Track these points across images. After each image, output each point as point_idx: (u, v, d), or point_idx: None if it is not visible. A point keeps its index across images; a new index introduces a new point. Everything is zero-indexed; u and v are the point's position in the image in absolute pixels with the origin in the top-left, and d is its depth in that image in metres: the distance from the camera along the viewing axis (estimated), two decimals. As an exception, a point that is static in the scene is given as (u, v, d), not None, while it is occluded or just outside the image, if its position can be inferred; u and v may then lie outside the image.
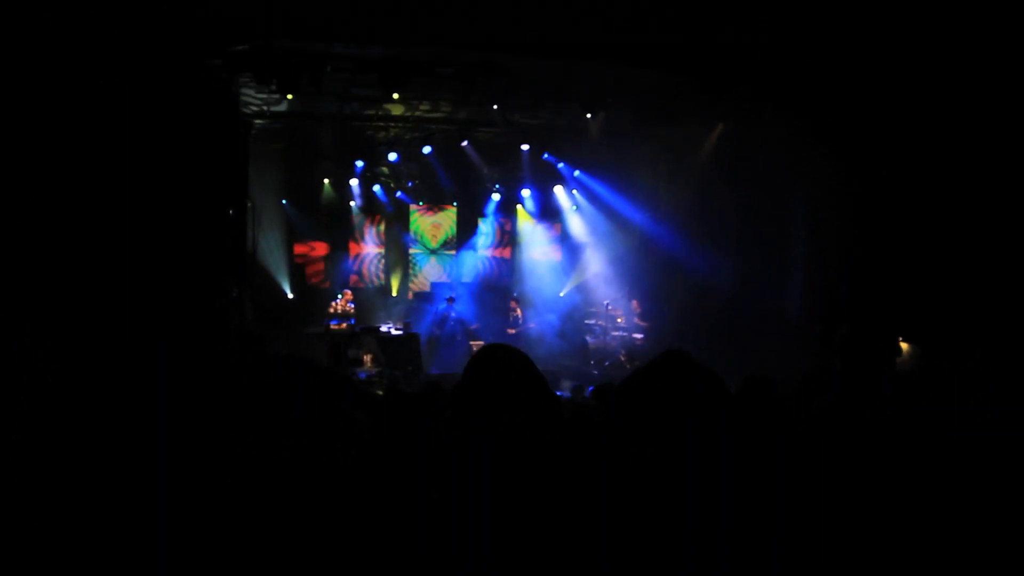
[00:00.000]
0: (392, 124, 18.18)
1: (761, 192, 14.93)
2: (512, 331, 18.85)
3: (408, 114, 17.40)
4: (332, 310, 17.74)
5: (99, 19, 9.97)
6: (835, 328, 11.92)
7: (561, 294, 21.27)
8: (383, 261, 21.04)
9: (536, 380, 2.46)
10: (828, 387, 5.61)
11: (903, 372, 9.62)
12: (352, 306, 18.05)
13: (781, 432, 3.67)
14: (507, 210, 21.54)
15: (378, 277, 20.98)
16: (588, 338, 18.59)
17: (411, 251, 21.34)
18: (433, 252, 21.63)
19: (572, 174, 20.21)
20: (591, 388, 13.54)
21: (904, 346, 11.53)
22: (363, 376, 15.61)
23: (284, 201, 19.39)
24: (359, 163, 19.14)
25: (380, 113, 17.21)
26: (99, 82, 10.18)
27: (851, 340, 11.57)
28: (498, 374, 2.44)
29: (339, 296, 18.26)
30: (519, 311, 19.28)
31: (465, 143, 18.18)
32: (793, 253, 14.53)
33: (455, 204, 21.37)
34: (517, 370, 2.46)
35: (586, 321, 19.26)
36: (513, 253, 22.16)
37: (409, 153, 19.09)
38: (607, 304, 18.64)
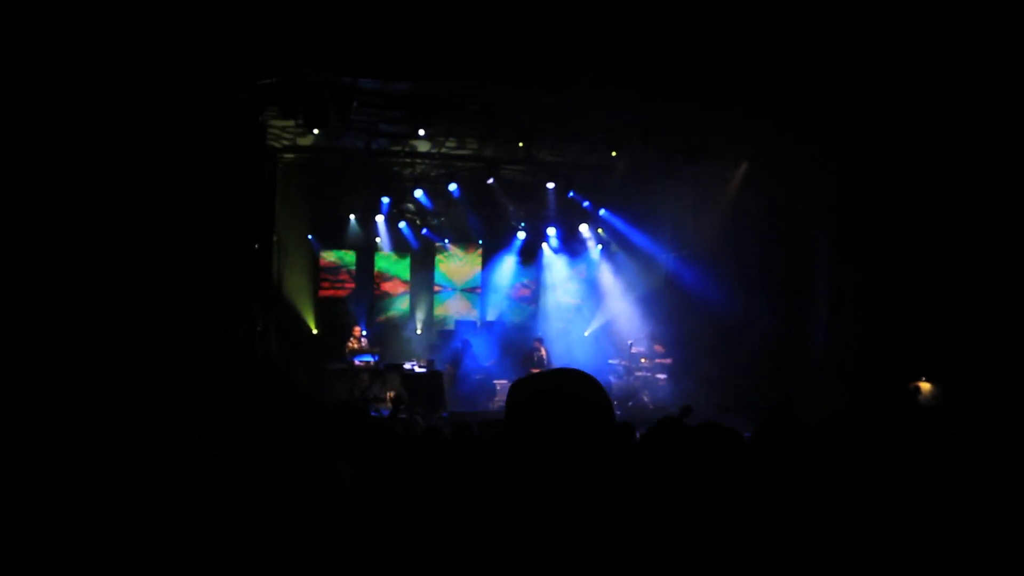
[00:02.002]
0: (418, 160, 18.29)
1: (786, 230, 14.89)
2: (536, 371, 18.76)
3: (434, 151, 17.49)
4: (350, 347, 17.73)
5: (131, 53, 10.11)
6: (845, 366, 11.83)
7: (586, 334, 21.19)
8: (409, 298, 21.05)
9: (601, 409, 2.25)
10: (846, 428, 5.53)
11: (925, 410, 9.51)
12: (365, 341, 18.02)
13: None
14: (532, 248, 21.49)
15: (403, 314, 20.98)
16: (611, 378, 18.49)
17: (436, 288, 21.32)
18: (459, 290, 21.61)
19: (598, 212, 20.22)
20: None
21: (926, 386, 11.44)
22: (386, 414, 15.58)
23: (310, 236, 19.47)
24: (385, 199, 19.18)
25: (406, 149, 17.31)
26: (130, 114, 10.33)
27: (860, 377, 11.44)
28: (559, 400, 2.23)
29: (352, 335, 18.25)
30: (543, 351, 19.20)
31: (491, 180, 18.23)
32: (818, 291, 14.43)
33: (480, 243, 21.35)
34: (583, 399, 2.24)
35: (610, 361, 19.16)
36: (538, 292, 22.11)
37: (435, 190, 19.14)
38: (631, 344, 18.56)
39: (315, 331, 19.37)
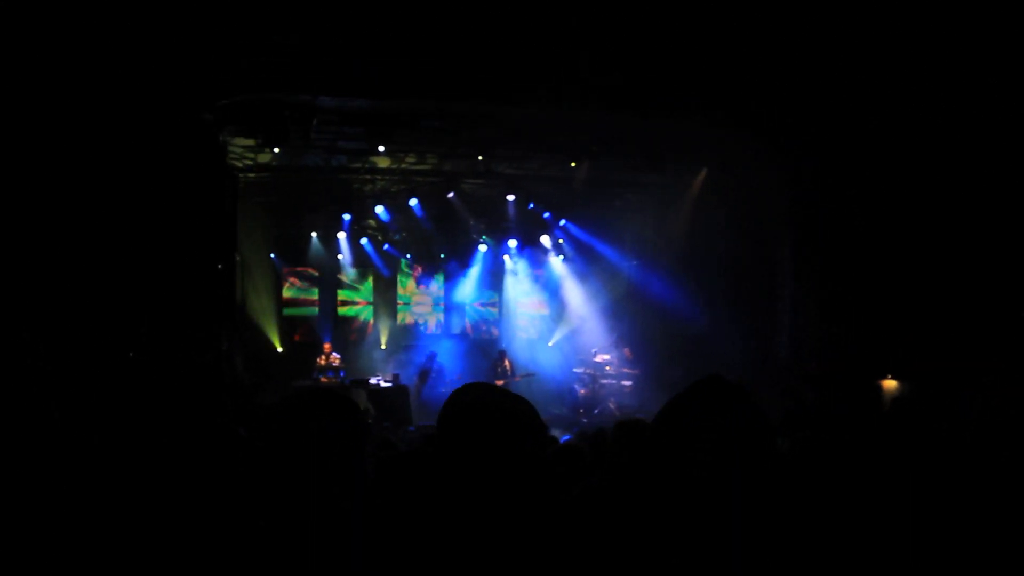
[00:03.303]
0: (379, 177, 18.27)
1: (748, 235, 15.02)
2: (500, 382, 18.81)
3: (394, 166, 17.50)
4: (321, 363, 17.72)
5: (90, 73, 10.08)
6: (809, 364, 11.96)
7: (550, 344, 21.26)
8: (373, 314, 21.07)
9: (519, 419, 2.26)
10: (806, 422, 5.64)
11: (892, 406, 9.68)
12: (337, 356, 18.02)
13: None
14: (494, 261, 21.57)
15: (366, 330, 20.99)
16: (577, 387, 18.59)
17: (399, 303, 21.35)
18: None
19: (559, 223, 20.32)
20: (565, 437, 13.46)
21: (891, 383, 11.63)
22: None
23: (272, 255, 19.42)
24: (346, 216, 19.18)
25: (366, 166, 17.32)
26: (92, 134, 10.28)
27: (825, 375, 11.57)
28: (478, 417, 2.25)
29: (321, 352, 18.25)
30: (507, 362, 19.26)
31: (451, 195, 18.28)
32: (782, 295, 14.57)
33: (442, 257, 21.40)
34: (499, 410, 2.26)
35: (575, 370, 19.24)
36: (501, 304, 22.17)
37: (396, 206, 19.16)
38: (595, 352, 18.65)
39: (280, 349, 19.32)
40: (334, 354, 18.05)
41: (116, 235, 10.49)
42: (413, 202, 18.64)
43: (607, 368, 18.30)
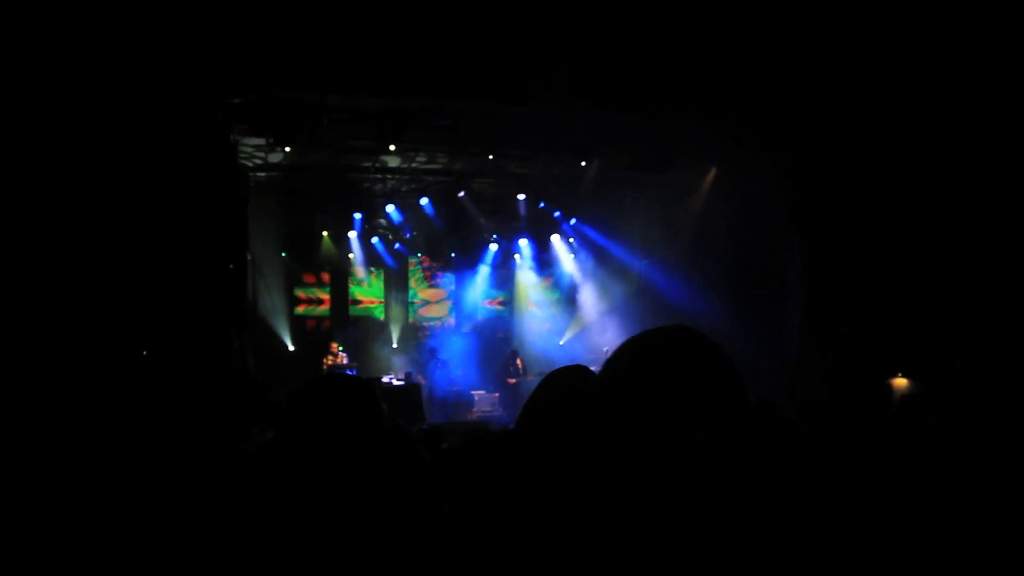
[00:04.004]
0: (389, 176, 18.30)
1: (757, 234, 14.99)
2: (512, 380, 18.82)
3: (404, 166, 17.52)
4: (328, 363, 17.75)
5: (101, 79, 10.11)
6: (824, 358, 11.87)
7: (561, 342, 21.25)
8: (383, 309, 21.12)
9: None
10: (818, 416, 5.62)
11: (902, 403, 9.64)
12: (343, 354, 18.06)
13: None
14: (504, 260, 21.59)
15: (377, 329, 21.02)
16: (589, 386, 18.55)
17: (410, 301, 21.39)
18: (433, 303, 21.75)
19: (568, 222, 20.31)
20: None
21: (902, 382, 11.60)
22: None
23: (284, 254, 19.45)
24: (357, 216, 19.22)
25: (377, 165, 17.34)
26: (103, 137, 10.32)
27: (839, 369, 11.46)
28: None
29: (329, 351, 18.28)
30: (519, 361, 19.27)
31: (461, 194, 18.29)
32: (791, 293, 14.54)
33: (452, 256, 21.44)
34: None
35: (586, 368, 19.16)
36: (512, 303, 22.17)
37: (406, 205, 19.19)
38: (607, 351, 18.61)
39: (291, 348, 19.35)
40: (341, 352, 18.09)
41: (124, 234, 10.52)
42: (424, 201, 18.68)
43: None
